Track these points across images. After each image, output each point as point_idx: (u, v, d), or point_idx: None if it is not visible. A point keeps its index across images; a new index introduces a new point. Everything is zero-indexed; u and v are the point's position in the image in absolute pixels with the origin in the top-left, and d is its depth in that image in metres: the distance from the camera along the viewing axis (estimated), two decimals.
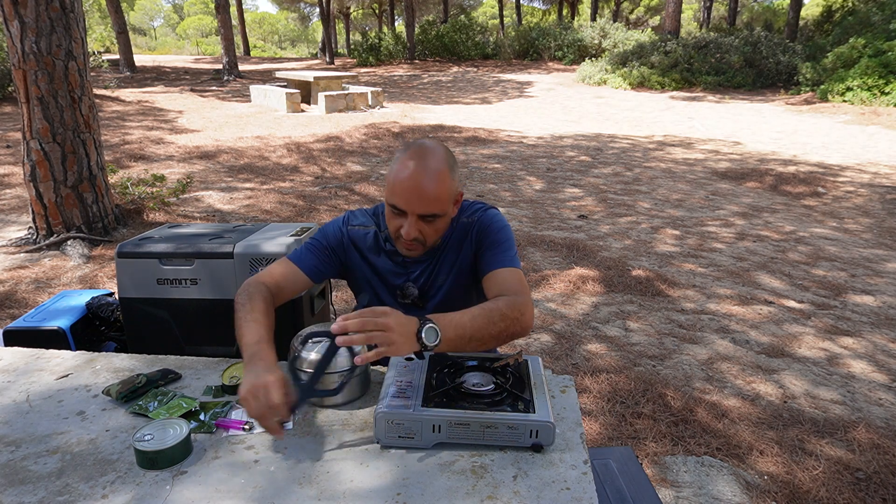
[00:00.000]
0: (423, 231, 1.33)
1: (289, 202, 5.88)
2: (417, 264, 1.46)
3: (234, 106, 12.68)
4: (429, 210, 1.30)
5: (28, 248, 4.38)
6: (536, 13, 42.46)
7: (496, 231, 1.43)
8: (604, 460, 1.56)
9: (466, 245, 1.45)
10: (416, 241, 1.34)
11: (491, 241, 1.42)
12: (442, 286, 1.47)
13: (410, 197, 1.28)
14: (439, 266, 1.46)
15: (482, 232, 1.43)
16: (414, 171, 1.28)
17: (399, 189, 1.29)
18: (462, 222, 1.46)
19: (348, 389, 1.23)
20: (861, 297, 3.93)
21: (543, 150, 9.15)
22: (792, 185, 7.19)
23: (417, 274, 1.47)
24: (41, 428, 1.18)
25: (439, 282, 1.47)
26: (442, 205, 1.31)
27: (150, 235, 1.91)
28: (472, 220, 1.46)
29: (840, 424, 2.50)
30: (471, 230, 1.45)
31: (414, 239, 1.33)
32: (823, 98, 13.99)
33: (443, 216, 1.33)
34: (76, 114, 4.37)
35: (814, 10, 25.97)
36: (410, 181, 1.28)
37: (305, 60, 29.31)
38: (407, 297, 1.47)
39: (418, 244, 1.36)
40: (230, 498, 0.99)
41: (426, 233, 1.34)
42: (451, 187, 1.32)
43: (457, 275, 1.46)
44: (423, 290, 1.47)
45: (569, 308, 3.67)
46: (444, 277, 1.46)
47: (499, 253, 1.40)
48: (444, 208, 1.32)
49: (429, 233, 1.34)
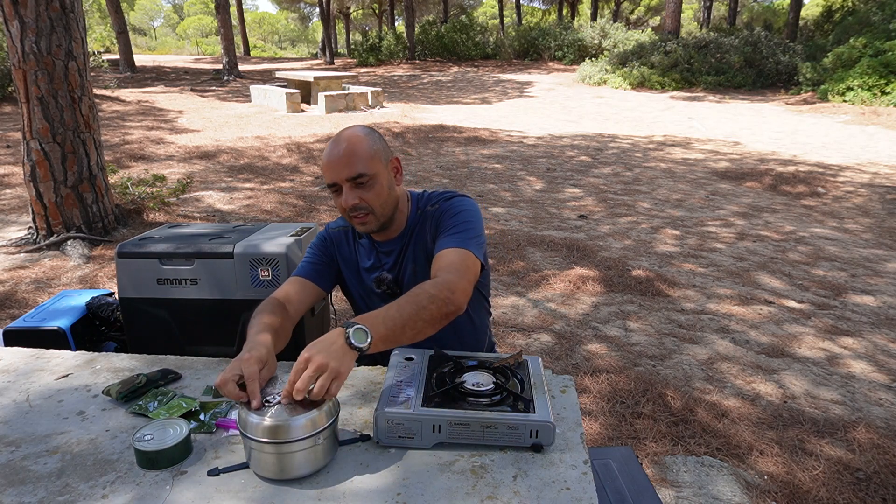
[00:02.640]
0: (363, 197, 1.36)
1: (289, 202, 5.88)
2: (388, 255, 1.50)
3: (234, 106, 12.68)
4: (353, 171, 1.34)
5: (28, 248, 4.38)
6: (536, 13, 42.46)
7: (452, 215, 1.44)
8: (604, 460, 1.56)
9: (429, 232, 1.48)
10: (359, 210, 1.37)
11: (445, 226, 1.44)
12: (413, 272, 1.49)
13: (335, 165, 1.35)
14: (407, 252, 1.50)
15: (440, 217, 1.46)
16: (334, 142, 1.38)
17: (326, 168, 1.37)
18: (428, 210, 1.50)
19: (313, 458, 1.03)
20: (861, 297, 3.93)
21: (543, 150, 9.15)
22: (792, 185, 7.19)
23: (390, 263, 1.51)
24: (41, 428, 1.18)
25: (409, 268, 1.50)
26: (364, 164, 1.35)
27: (150, 235, 1.91)
28: (437, 208, 1.49)
29: (840, 424, 2.50)
30: (435, 217, 1.48)
31: (354, 207, 1.36)
32: (823, 98, 13.99)
33: (372, 176, 1.36)
34: (76, 114, 4.37)
35: (814, 10, 25.98)
36: (331, 156, 1.36)
37: (305, 60, 29.31)
38: (383, 284, 1.51)
39: (364, 213, 1.38)
40: (230, 498, 0.99)
41: (366, 198, 1.36)
42: (369, 148, 1.37)
43: (424, 261, 1.48)
44: (397, 277, 1.51)
45: (569, 308, 3.67)
46: (412, 264, 1.49)
47: (447, 236, 1.40)
48: (368, 167, 1.35)
49: (369, 198, 1.36)
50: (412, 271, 1.50)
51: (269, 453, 1.01)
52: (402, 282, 1.51)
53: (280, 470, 1.02)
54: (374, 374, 1.39)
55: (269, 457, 1.01)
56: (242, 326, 1.74)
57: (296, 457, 1.01)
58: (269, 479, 1.03)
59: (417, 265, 1.49)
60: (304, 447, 1.01)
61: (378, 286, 1.52)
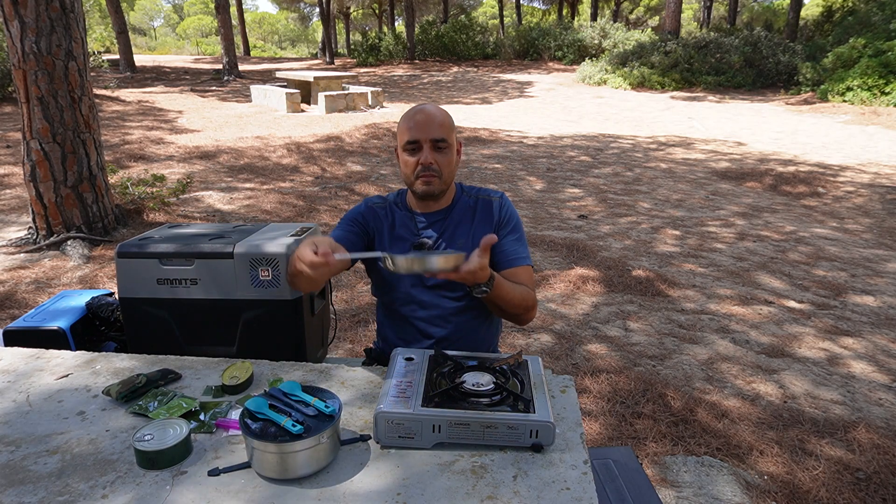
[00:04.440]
0: (437, 160, 1.48)
1: (289, 202, 5.88)
2: (428, 226, 1.58)
3: (234, 106, 12.68)
4: (439, 133, 1.47)
5: (28, 249, 4.38)
6: (536, 13, 42.46)
7: (518, 223, 1.60)
8: (604, 460, 1.56)
9: (485, 217, 1.58)
10: (432, 171, 1.48)
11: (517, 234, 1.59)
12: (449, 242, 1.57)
13: (422, 126, 1.48)
14: (446, 223, 1.58)
15: (509, 216, 1.59)
16: (421, 109, 1.52)
17: (412, 124, 1.49)
18: (474, 197, 1.61)
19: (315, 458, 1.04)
20: (861, 298, 3.93)
21: (544, 150, 9.15)
22: (792, 185, 7.19)
23: (428, 232, 1.58)
24: (41, 428, 1.18)
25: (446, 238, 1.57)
26: (448, 132, 1.49)
27: (151, 235, 1.91)
28: (491, 199, 1.60)
29: (840, 424, 2.50)
30: (492, 207, 1.59)
31: (430, 166, 1.47)
32: (823, 98, 13.99)
33: (450, 146, 1.50)
34: (76, 114, 4.37)
35: (814, 10, 25.98)
36: (419, 115, 1.50)
37: (305, 60, 29.31)
38: (423, 246, 1.57)
39: (434, 175, 1.49)
40: (230, 498, 0.99)
41: (440, 162, 1.48)
42: (451, 122, 1.53)
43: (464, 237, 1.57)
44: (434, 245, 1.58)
45: (569, 308, 3.67)
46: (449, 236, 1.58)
47: (521, 248, 1.58)
48: (450, 136, 1.50)
49: (443, 163, 1.49)
50: (448, 241, 1.58)
51: (271, 453, 1.01)
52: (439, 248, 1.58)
53: (283, 469, 1.02)
54: (374, 375, 1.39)
55: (271, 457, 1.01)
56: (242, 326, 1.74)
57: (298, 456, 1.01)
58: (271, 478, 1.03)
59: (454, 239, 1.58)
60: (307, 447, 1.01)
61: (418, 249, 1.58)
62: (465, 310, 1.56)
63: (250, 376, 1.35)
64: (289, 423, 1.04)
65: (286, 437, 1.02)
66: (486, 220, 1.57)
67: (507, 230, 1.57)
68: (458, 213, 1.59)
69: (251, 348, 1.77)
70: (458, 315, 1.56)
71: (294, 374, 1.40)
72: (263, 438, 1.02)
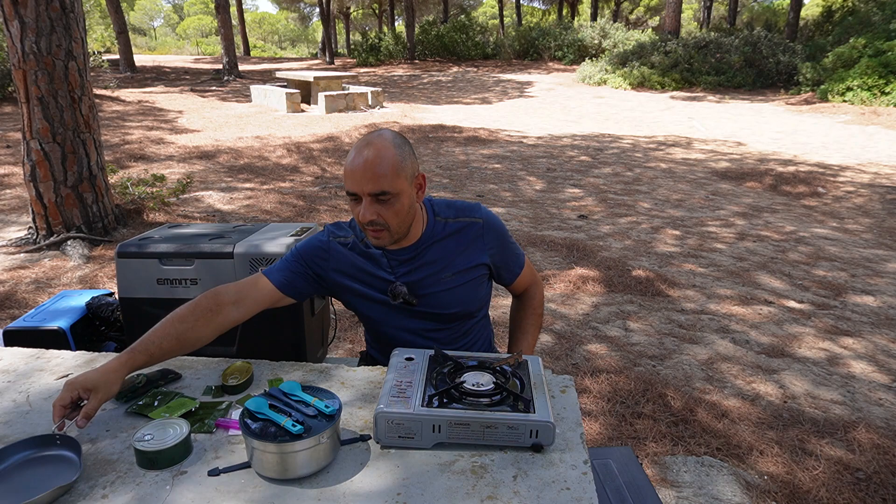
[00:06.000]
0: (381, 214, 1.31)
1: (289, 202, 5.88)
2: (402, 264, 1.45)
3: (234, 106, 12.68)
4: (378, 187, 1.28)
5: (28, 249, 4.38)
6: (536, 13, 42.45)
7: (504, 232, 1.54)
8: (604, 460, 1.56)
9: (471, 241, 1.48)
10: (375, 225, 1.32)
11: (507, 242, 1.54)
12: (435, 283, 1.46)
13: (358, 177, 1.29)
14: (421, 259, 1.45)
15: (496, 234, 1.51)
16: (358, 154, 1.30)
17: (348, 173, 1.31)
18: (452, 220, 1.48)
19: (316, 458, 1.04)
20: (861, 298, 3.93)
21: (543, 150, 9.15)
22: (792, 185, 7.19)
23: (404, 272, 1.45)
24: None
25: (422, 274, 1.45)
26: (391, 182, 1.29)
27: (151, 235, 1.91)
28: (473, 222, 1.48)
29: (840, 424, 2.50)
30: (475, 232, 1.48)
31: (371, 222, 1.31)
32: (823, 98, 13.99)
33: (396, 195, 1.31)
34: (76, 114, 4.37)
35: (814, 10, 25.97)
36: (357, 160, 1.29)
37: (305, 60, 29.30)
38: (398, 297, 1.46)
39: (380, 228, 1.33)
40: (230, 498, 0.99)
41: (385, 215, 1.31)
42: (397, 163, 1.30)
43: (441, 269, 1.45)
44: (412, 288, 1.46)
45: (569, 308, 3.67)
46: (426, 271, 1.45)
47: (515, 252, 1.57)
48: (394, 186, 1.30)
49: (388, 215, 1.32)
50: (425, 277, 1.46)
51: (271, 453, 1.01)
52: (420, 293, 1.46)
53: (283, 470, 1.02)
54: (374, 375, 1.39)
55: (271, 457, 1.01)
56: (242, 326, 1.74)
57: (298, 456, 1.01)
58: (271, 478, 1.03)
59: (432, 271, 1.46)
60: (307, 447, 1.01)
61: (394, 299, 1.47)
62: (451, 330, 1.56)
63: (250, 376, 1.35)
64: (289, 423, 1.05)
65: (286, 437, 1.02)
66: (474, 246, 1.48)
67: (499, 247, 1.51)
68: (434, 249, 1.45)
69: (251, 348, 1.77)
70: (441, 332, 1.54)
71: (294, 374, 1.40)
72: (263, 438, 1.02)
